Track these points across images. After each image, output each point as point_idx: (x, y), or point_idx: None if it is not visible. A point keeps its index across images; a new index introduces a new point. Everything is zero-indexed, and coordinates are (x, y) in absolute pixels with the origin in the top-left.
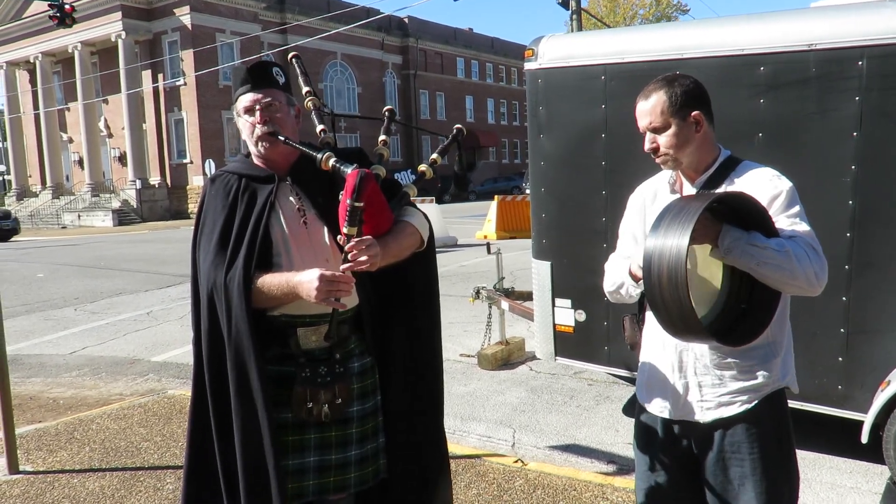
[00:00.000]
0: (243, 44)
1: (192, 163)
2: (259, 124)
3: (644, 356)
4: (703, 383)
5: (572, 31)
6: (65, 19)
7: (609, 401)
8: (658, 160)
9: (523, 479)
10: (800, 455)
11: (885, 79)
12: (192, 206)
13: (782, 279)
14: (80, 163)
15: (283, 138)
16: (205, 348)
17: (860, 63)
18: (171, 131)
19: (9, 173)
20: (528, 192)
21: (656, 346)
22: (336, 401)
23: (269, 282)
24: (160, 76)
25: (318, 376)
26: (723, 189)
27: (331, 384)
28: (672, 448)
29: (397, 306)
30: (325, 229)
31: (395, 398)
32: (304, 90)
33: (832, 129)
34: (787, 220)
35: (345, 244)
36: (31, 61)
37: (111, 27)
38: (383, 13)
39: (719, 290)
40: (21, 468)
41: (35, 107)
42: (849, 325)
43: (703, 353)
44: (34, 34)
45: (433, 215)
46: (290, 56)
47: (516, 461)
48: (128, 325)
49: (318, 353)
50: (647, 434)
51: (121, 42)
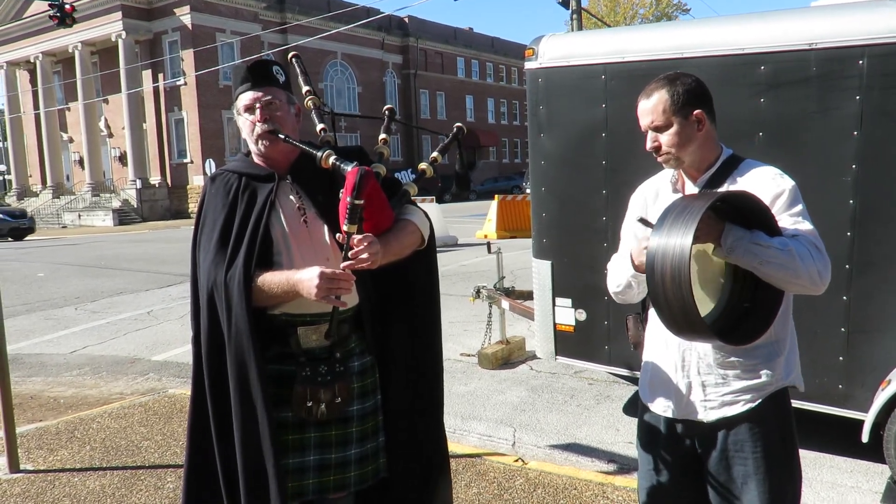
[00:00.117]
0: (243, 43)
1: (192, 162)
2: (259, 122)
3: (647, 355)
4: (707, 382)
5: (572, 31)
6: (65, 19)
7: (609, 400)
8: (660, 159)
9: (524, 478)
10: (800, 454)
11: (885, 78)
12: (192, 206)
13: (785, 278)
14: (81, 162)
15: (283, 136)
16: (204, 347)
17: (861, 62)
18: (171, 131)
19: (9, 173)
20: (528, 191)
21: (659, 345)
22: (336, 400)
23: (270, 280)
24: (160, 76)
25: (318, 375)
26: (725, 188)
27: (331, 383)
28: (675, 447)
29: (398, 305)
30: (326, 228)
31: (395, 397)
32: (305, 90)
33: (833, 128)
34: (790, 218)
35: (345, 242)
36: (32, 61)
37: (111, 27)
38: (383, 13)
39: (722, 289)
40: (22, 467)
41: (35, 106)
42: (849, 324)
43: (707, 352)
44: (34, 34)
45: (433, 214)
46: (290, 56)
47: (517, 460)
48: (128, 324)
49: (319, 352)
50: (649, 433)
51: (121, 42)
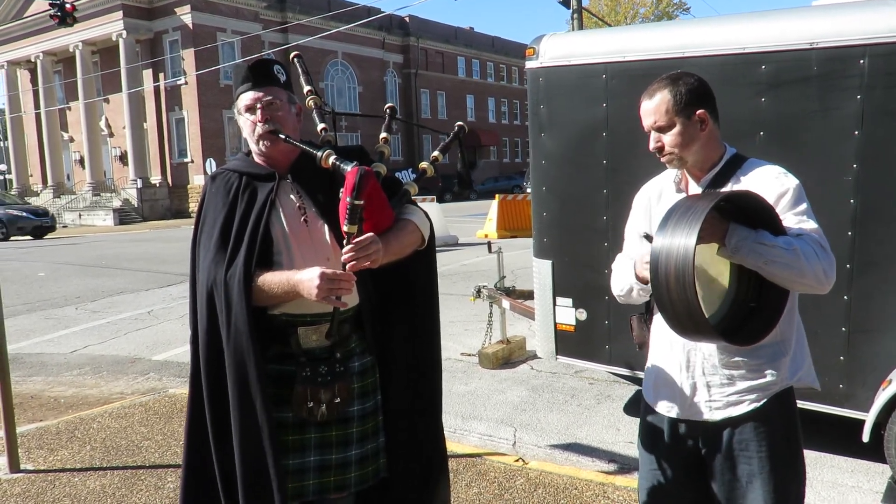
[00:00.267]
0: (244, 43)
1: (192, 162)
2: (260, 122)
3: (651, 356)
4: (712, 383)
5: (573, 30)
6: (66, 19)
7: (610, 400)
8: (663, 159)
9: (524, 477)
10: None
11: (887, 77)
12: (192, 206)
13: (791, 277)
14: (81, 162)
15: (283, 136)
16: (202, 346)
17: (862, 61)
18: (171, 130)
19: (10, 172)
20: (529, 190)
21: (664, 345)
22: (336, 400)
23: (270, 280)
24: (161, 75)
25: (318, 375)
26: (729, 187)
27: (331, 383)
28: (678, 448)
29: (398, 305)
30: (326, 227)
31: (395, 397)
32: (306, 89)
33: (834, 127)
34: (795, 217)
35: (346, 242)
36: (32, 60)
37: (112, 26)
38: (384, 12)
39: (727, 290)
40: (22, 467)
41: (36, 106)
42: (850, 323)
43: (711, 352)
44: (35, 33)
45: (434, 214)
46: (291, 55)
47: (517, 460)
48: (129, 323)
49: (319, 353)
50: (652, 434)
51: (122, 41)
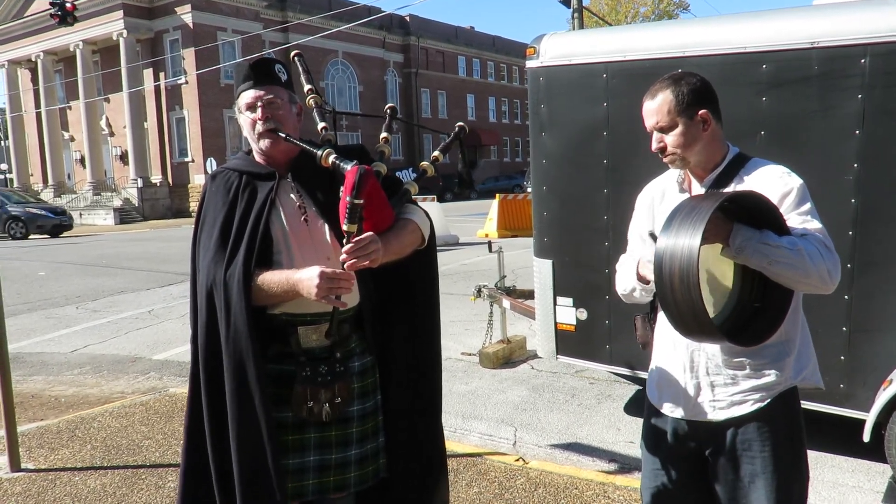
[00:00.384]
0: (244, 42)
1: (193, 161)
2: (260, 121)
3: (655, 356)
4: (716, 383)
5: (573, 30)
6: (66, 18)
7: (610, 399)
8: (665, 160)
9: (525, 477)
10: None
11: (887, 76)
12: (193, 205)
13: (795, 277)
14: (82, 161)
15: (283, 135)
16: (202, 345)
17: (863, 61)
18: (172, 130)
19: (10, 172)
20: (529, 190)
21: (667, 346)
22: (336, 400)
23: (270, 279)
24: (162, 75)
25: (318, 375)
26: (732, 187)
27: (331, 383)
28: (682, 448)
29: (398, 304)
30: (326, 227)
31: (395, 397)
32: (306, 88)
33: (834, 127)
34: (799, 217)
35: (345, 241)
36: (33, 60)
37: (113, 26)
38: (385, 11)
39: (731, 290)
40: (23, 466)
41: (37, 105)
42: (851, 323)
43: (715, 352)
44: (36, 33)
45: (434, 213)
46: (292, 54)
47: (518, 460)
48: (129, 323)
49: (319, 352)
50: (656, 434)
51: (122, 41)
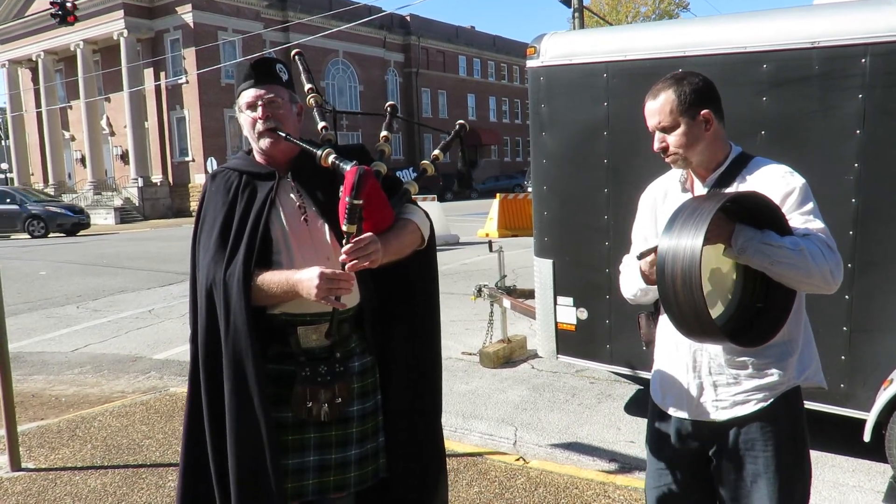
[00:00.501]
0: (245, 42)
1: (193, 161)
2: (261, 120)
3: (658, 357)
4: (718, 383)
5: (574, 29)
6: (67, 17)
7: (611, 399)
8: (668, 160)
9: (525, 477)
10: None
11: (888, 76)
12: (193, 204)
13: (797, 278)
14: (83, 161)
15: (283, 134)
16: (201, 345)
17: (863, 61)
18: (173, 129)
19: (11, 171)
20: (529, 189)
21: (670, 346)
22: (336, 400)
23: (269, 279)
24: (162, 74)
25: (318, 375)
26: (734, 187)
27: (331, 383)
28: (685, 448)
29: (398, 304)
30: (326, 227)
31: (395, 397)
32: (307, 87)
33: (835, 127)
34: (801, 217)
35: (345, 241)
36: (34, 59)
37: (113, 25)
38: (385, 11)
39: (733, 290)
40: (23, 465)
41: (37, 105)
42: (851, 323)
43: (718, 352)
44: (36, 32)
45: (435, 213)
46: (293, 53)
47: (518, 459)
48: (130, 322)
49: (319, 352)
50: (659, 434)
51: (123, 40)
